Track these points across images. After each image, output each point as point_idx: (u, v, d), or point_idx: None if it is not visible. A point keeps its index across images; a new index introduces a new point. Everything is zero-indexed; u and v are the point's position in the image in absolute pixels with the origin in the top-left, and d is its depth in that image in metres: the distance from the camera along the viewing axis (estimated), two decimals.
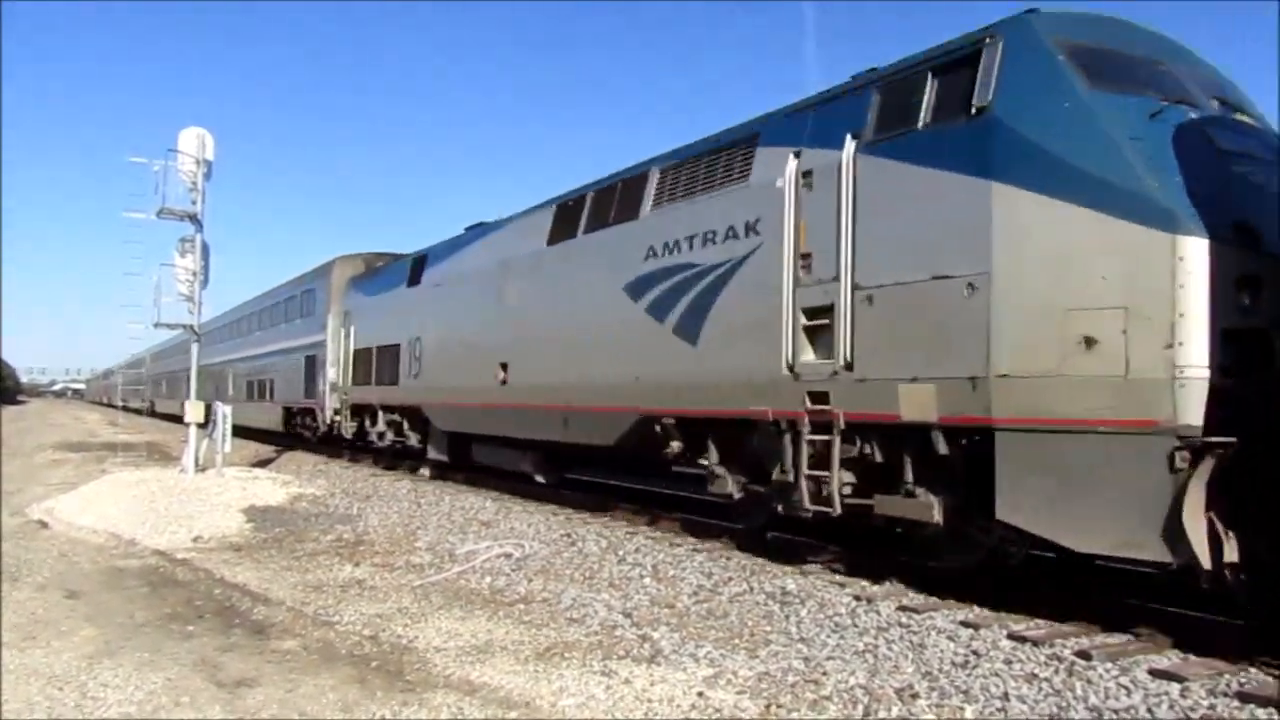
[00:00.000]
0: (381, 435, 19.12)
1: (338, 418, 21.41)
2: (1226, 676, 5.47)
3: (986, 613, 7.10)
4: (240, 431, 29.90)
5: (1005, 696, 5.28)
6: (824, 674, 5.71)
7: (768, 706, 5.17)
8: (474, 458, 15.68)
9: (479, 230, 15.70)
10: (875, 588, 7.90)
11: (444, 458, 16.59)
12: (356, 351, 20.27)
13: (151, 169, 17.08)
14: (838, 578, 8.27)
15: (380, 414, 19.05)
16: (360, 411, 20.33)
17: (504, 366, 13.52)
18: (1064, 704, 5.16)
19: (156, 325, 18.88)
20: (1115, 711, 5.04)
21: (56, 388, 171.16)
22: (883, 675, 5.68)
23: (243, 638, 6.75)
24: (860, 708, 5.15)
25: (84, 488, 15.43)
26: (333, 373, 21.54)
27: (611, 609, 7.42)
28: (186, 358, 35.71)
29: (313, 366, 23.19)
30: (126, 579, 8.95)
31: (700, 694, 5.38)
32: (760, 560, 9.16)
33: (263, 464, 21.20)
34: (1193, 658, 5.88)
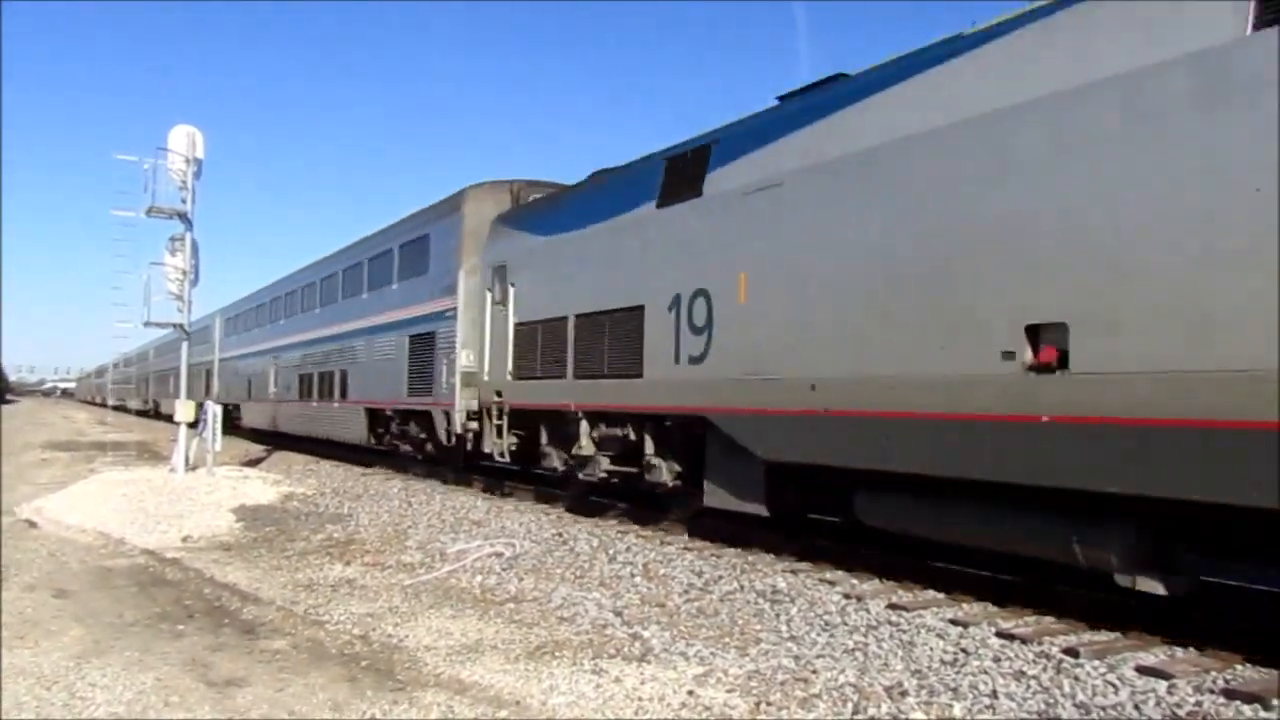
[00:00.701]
0: (584, 461, 11.79)
1: (473, 425, 14.36)
2: (1213, 673, 5.52)
3: (976, 610, 7.15)
4: (285, 441, 25.87)
5: (994, 694, 5.31)
6: (814, 672, 5.73)
7: (758, 704, 5.19)
8: (863, 516, 8.15)
9: (854, 84, 8.38)
10: (865, 586, 7.94)
11: (756, 509, 9.12)
12: (521, 326, 13.09)
13: (141, 167, 17.05)
14: (828, 576, 8.30)
15: (586, 426, 11.71)
16: (529, 420, 13.16)
17: (1035, 333, 6.38)
18: (1052, 701, 5.19)
19: (146, 324, 18.81)
20: (1103, 708, 5.08)
21: (45, 387, 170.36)
22: (872, 673, 5.70)
23: (232, 637, 6.73)
24: (850, 705, 5.17)
25: (73, 487, 15.37)
26: (467, 358, 14.49)
27: (602, 608, 7.43)
28: (199, 350, 34.42)
29: (428, 350, 15.93)
30: (115, 578, 8.92)
31: (691, 692, 5.39)
32: (751, 559, 9.19)
33: (253, 463, 21.15)
34: (1179, 654, 5.92)
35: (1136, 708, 5.07)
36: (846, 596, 7.55)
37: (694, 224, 9.75)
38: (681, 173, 10.18)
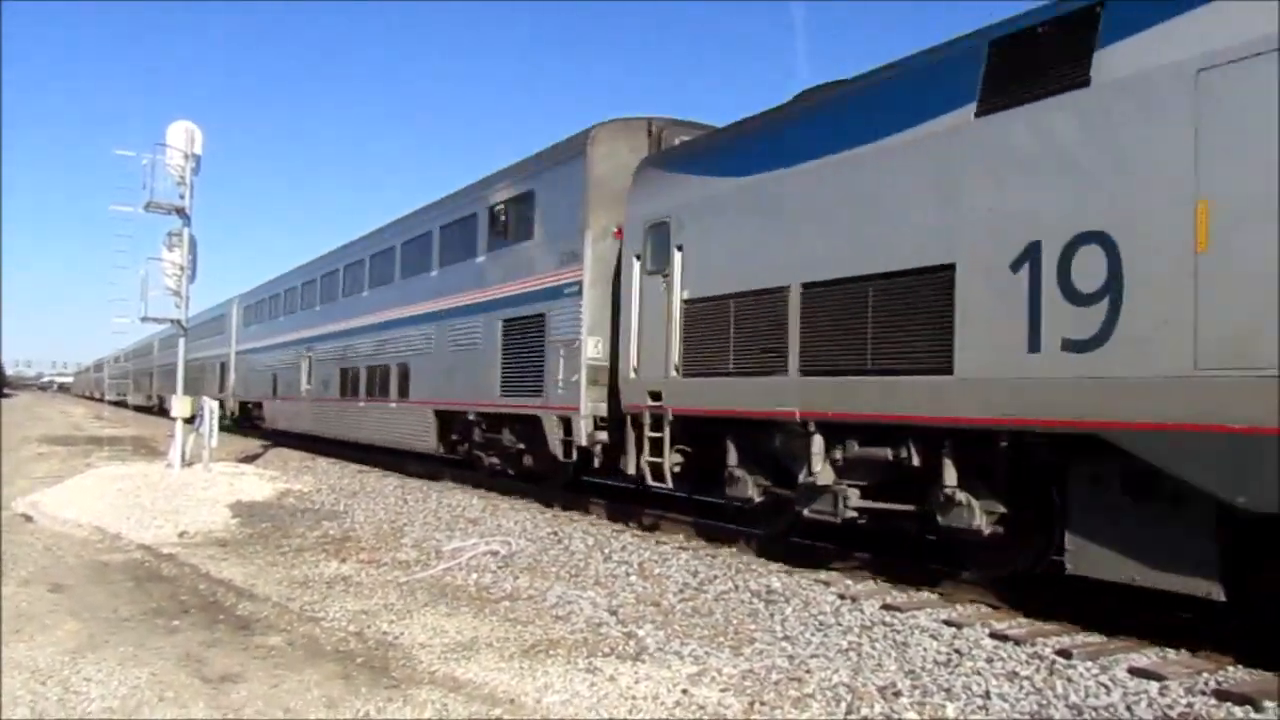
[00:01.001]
0: (814, 493, 8.39)
1: (601, 435, 11.64)
2: (1205, 674, 5.55)
3: (969, 611, 7.17)
4: (283, 439, 24.27)
5: (987, 695, 5.33)
6: (807, 672, 5.74)
7: (751, 704, 5.20)
8: None
9: None
10: (859, 586, 7.95)
11: (1197, 586, 5.83)
12: (695, 303, 9.78)
13: (140, 162, 17.05)
14: (822, 576, 8.31)
15: (820, 443, 8.29)
16: (703, 431, 9.93)
17: None
18: (1045, 702, 5.21)
19: (143, 319, 18.81)
20: (1095, 709, 5.10)
21: (43, 381, 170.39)
22: (866, 673, 5.72)
23: (227, 633, 6.74)
24: (843, 705, 5.19)
25: (69, 481, 15.36)
26: (595, 347, 11.70)
27: (597, 606, 7.44)
28: (212, 342, 32.95)
29: (534, 337, 12.89)
30: (111, 573, 8.93)
31: (684, 691, 5.40)
32: (746, 559, 9.20)
33: (250, 459, 21.14)
34: (1172, 656, 5.95)
35: (1129, 709, 5.09)
36: (841, 597, 7.57)
37: (1071, 131, 6.42)
38: (1035, 56, 6.78)
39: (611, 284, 11.56)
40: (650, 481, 10.38)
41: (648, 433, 10.34)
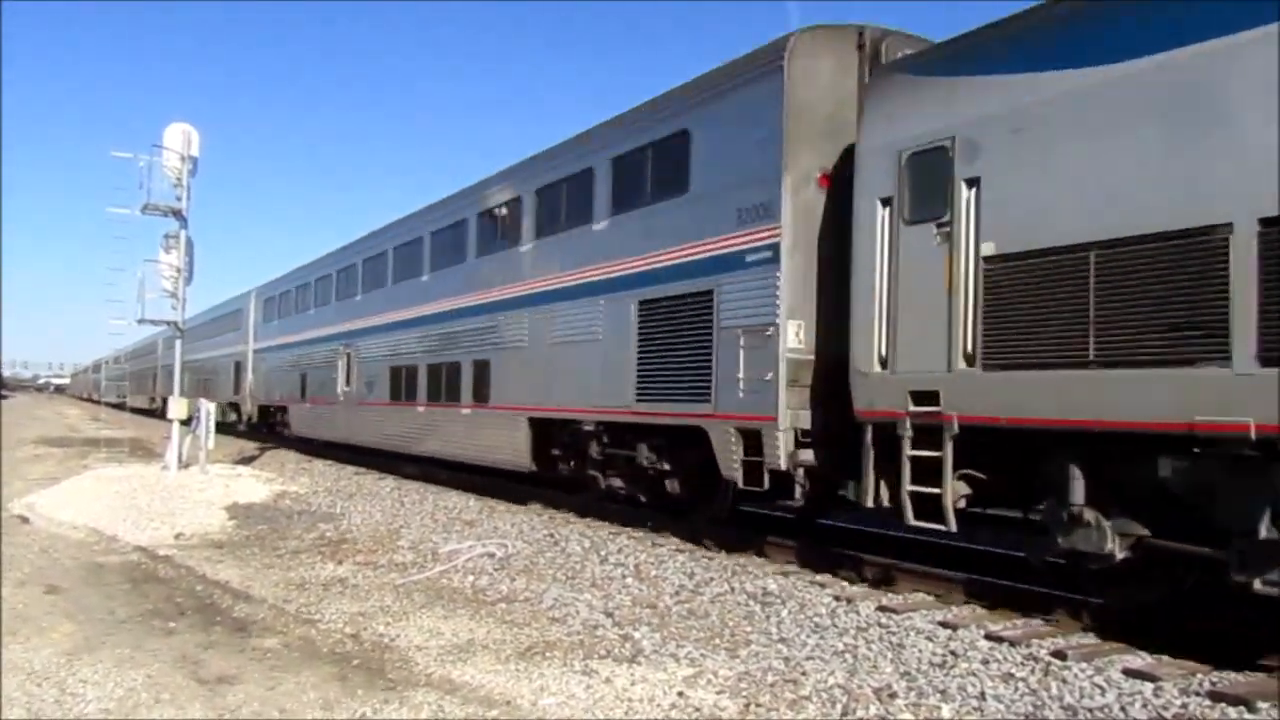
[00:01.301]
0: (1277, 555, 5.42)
1: (805, 454, 8.68)
2: (1199, 676, 5.56)
3: (965, 613, 7.18)
4: (323, 450, 22.12)
5: (982, 696, 5.34)
6: (803, 674, 5.75)
7: (747, 706, 5.21)
8: None
9: None
10: (855, 588, 7.97)
11: None
12: (1006, 262, 6.75)
13: (137, 164, 17.05)
14: (818, 578, 8.32)
15: None
16: (1007, 449, 6.97)
17: None
18: (1040, 703, 5.23)
19: (140, 321, 18.81)
20: (1090, 710, 5.11)
21: (39, 383, 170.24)
22: (861, 675, 5.73)
23: (224, 635, 6.74)
24: (839, 707, 5.20)
25: (66, 483, 15.37)
26: (797, 334, 8.77)
27: (593, 609, 7.45)
28: (226, 339, 31.03)
29: (694, 322, 9.88)
30: (107, 575, 8.93)
31: (680, 693, 5.41)
32: (742, 561, 9.21)
33: (246, 461, 21.12)
34: (1166, 658, 5.96)
35: (1123, 709, 5.11)
36: (837, 598, 7.58)
37: None
38: None
39: (817, 248, 8.81)
40: (912, 520, 7.39)
41: (908, 451, 7.39)
